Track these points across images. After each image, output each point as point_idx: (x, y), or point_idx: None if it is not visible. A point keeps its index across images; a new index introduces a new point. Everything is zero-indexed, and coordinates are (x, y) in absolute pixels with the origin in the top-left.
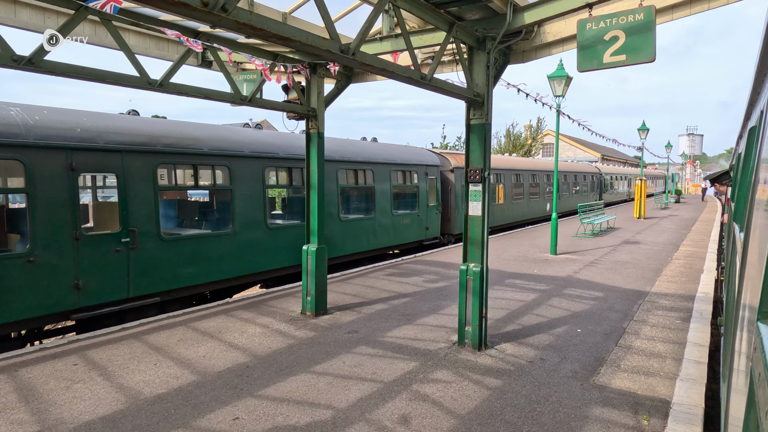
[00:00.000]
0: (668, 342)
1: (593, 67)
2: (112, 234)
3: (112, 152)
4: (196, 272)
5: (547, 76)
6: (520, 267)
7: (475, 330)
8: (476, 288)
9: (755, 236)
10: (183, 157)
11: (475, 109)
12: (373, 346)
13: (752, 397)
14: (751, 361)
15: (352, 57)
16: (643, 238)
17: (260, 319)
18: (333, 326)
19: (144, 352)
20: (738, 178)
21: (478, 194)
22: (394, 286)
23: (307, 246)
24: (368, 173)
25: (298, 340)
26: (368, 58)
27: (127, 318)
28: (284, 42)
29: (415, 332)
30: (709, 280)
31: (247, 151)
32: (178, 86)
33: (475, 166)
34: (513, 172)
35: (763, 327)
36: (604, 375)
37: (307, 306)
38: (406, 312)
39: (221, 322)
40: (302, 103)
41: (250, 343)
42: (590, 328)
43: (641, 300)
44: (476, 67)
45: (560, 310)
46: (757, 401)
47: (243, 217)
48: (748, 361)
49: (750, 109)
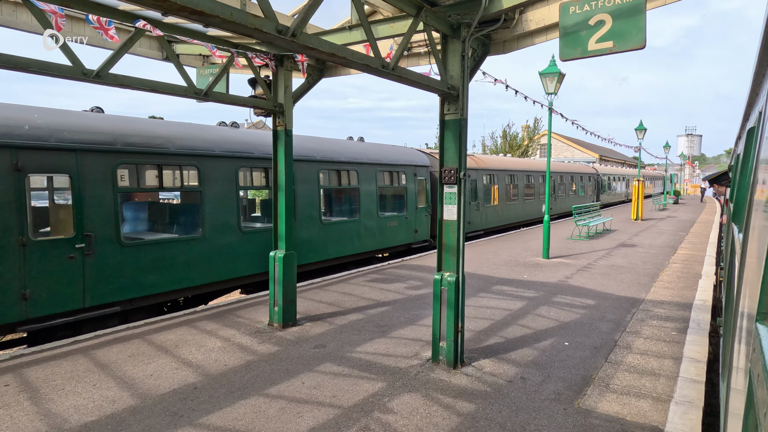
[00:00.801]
0: (663, 357)
1: (577, 56)
2: (65, 239)
3: (65, 151)
4: (162, 279)
5: (539, 72)
6: (510, 272)
7: (450, 346)
8: (451, 300)
9: (754, 237)
10: (147, 156)
11: (450, 104)
12: (339, 363)
13: (751, 397)
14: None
15: (291, 39)
16: (639, 241)
17: (223, 331)
18: (300, 340)
19: (87, 370)
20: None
21: (453, 197)
22: (374, 294)
23: (275, 252)
24: (352, 174)
25: (259, 356)
26: (312, 41)
27: (85, 329)
28: (200, 18)
29: (387, 346)
30: (707, 286)
31: (218, 150)
32: (119, 78)
33: (450, 165)
34: (507, 173)
35: (762, 328)
36: (590, 397)
37: (275, 317)
38: (382, 323)
39: (181, 335)
40: (268, 99)
41: (206, 359)
42: (579, 341)
43: (635, 308)
44: (450, 57)
45: (548, 321)
46: (756, 402)
47: (214, 220)
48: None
49: (748, 110)
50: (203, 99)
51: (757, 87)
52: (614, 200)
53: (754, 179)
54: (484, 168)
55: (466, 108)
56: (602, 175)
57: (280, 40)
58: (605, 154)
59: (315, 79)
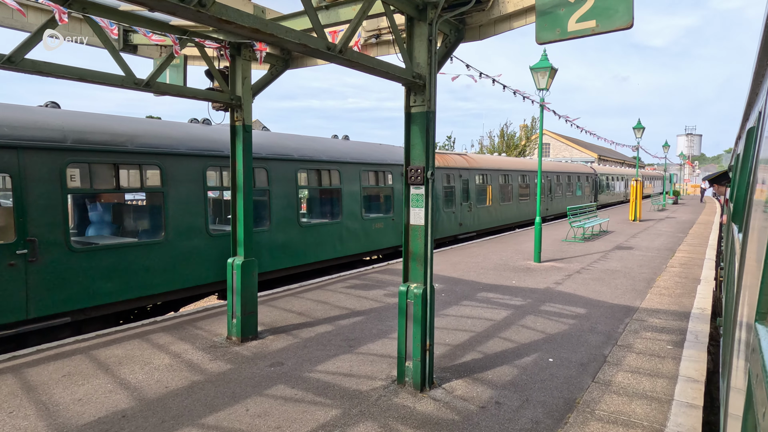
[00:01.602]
0: (656, 376)
1: (556, 38)
2: (5, 245)
3: (4, 149)
4: (120, 287)
5: (530, 67)
6: (498, 277)
7: (416, 366)
8: (418, 314)
9: (753, 237)
10: (101, 155)
11: (416, 95)
12: (293, 385)
13: (750, 397)
14: (749, 361)
15: (197, 9)
16: (636, 243)
17: (176, 346)
18: (257, 356)
19: (10, 393)
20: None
21: (421, 199)
22: (350, 302)
23: (233, 259)
24: (334, 173)
25: (206, 376)
26: (229, 13)
27: (30, 342)
28: None
29: (352, 364)
30: (706, 293)
31: (183, 148)
32: (37, 64)
33: (416, 164)
34: (501, 173)
35: (761, 328)
36: (572, 426)
37: (233, 330)
38: (351, 336)
39: (130, 349)
40: (225, 91)
41: (147, 380)
42: (564, 357)
43: (628, 318)
44: (417, 42)
45: (533, 333)
46: (755, 402)
47: (178, 223)
48: (746, 362)
49: (748, 110)
50: (146, 90)
51: (756, 87)
52: (613, 200)
53: (753, 179)
54: (477, 167)
55: (434, 99)
56: (600, 175)
57: (184, 9)
58: (604, 154)
59: (279, 70)
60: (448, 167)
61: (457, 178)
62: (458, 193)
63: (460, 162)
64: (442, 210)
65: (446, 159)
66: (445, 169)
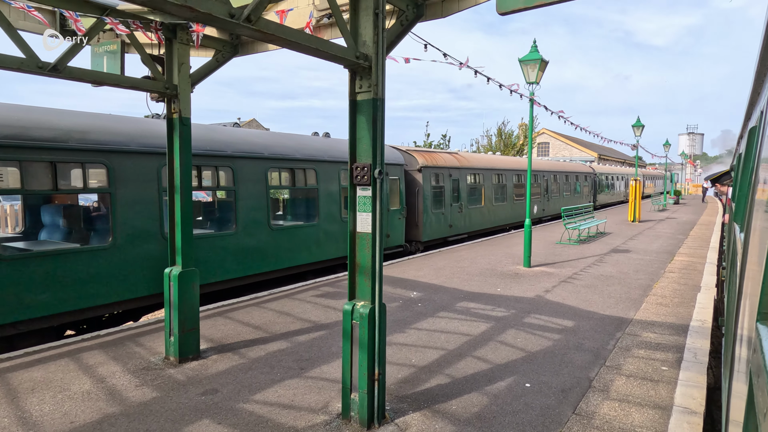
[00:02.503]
0: (647, 406)
1: (519, 6)
2: None
3: None
4: (60, 298)
5: (519, 59)
6: (483, 284)
7: (363, 399)
8: (364, 338)
9: (755, 237)
10: (36, 152)
11: (362, 79)
12: (220, 420)
13: (752, 398)
14: (750, 361)
15: None
16: (634, 246)
17: (104, 367)
18: (191, 381)
19: None
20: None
21: (368, 202)
22: (316, 313)
23: (170, 269)
24: (310, 173)
25: (125, 407)
26: None
27: None
28: None
29: (296, 392)
30: (707, 302)
31: (135, 145)
32: None
33: (363, 161)
34: (494, 172)
35: (762, 328)
36: None
37: (170, 349)
38: (306, 355)
39: (52, 372)
40: (159, 80)
41: (53, 413)
42: (544, 381)
43: (620, 332)
44: (362, 16)
45: (512, 351)
46: (757, 402)
47: (128, 227)
48: (747, 362)
49: (750, 109)
50: (54, 75)
51: (758, 87)
52: (612, 200)
53: (755, 179)
54: (468, 167)
55: (383, 84)
56: (599, 175)
57: None
58: (605, 153)
59: (226, 56)
60: (437, 166)
61: (447, 177)
62: (448, 193)
63: (450, 161)
64: (430, 211)
65: (435, 158)
66: (433, 168)
